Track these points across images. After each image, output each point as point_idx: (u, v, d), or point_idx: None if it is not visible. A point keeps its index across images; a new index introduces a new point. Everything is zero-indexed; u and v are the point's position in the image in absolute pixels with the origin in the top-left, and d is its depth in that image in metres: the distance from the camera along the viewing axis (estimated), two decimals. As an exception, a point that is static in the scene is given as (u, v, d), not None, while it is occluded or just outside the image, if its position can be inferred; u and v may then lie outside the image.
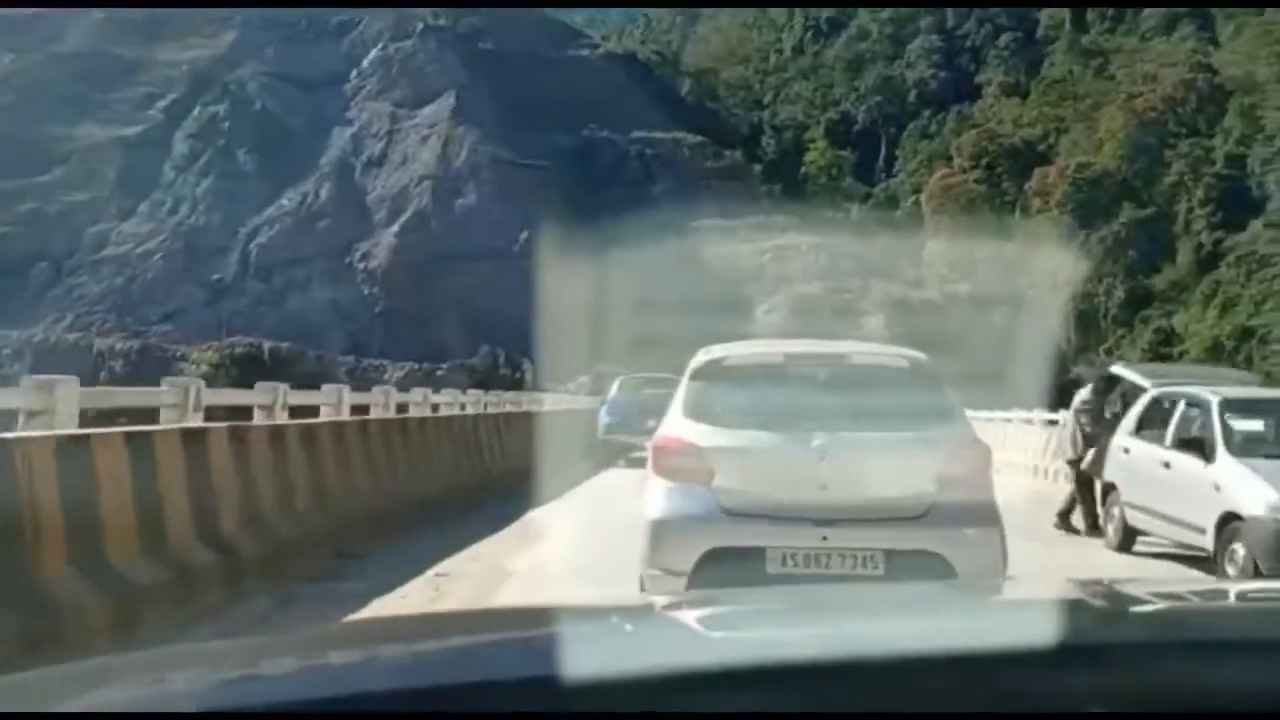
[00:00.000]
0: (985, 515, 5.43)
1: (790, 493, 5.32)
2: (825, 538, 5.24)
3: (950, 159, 73.11)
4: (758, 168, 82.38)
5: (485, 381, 39.87)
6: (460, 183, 71.59)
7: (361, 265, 69.06)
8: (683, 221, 62.23)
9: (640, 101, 76.14)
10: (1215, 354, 49.45)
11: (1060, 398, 16.60)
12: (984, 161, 70.89)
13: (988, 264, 61.45)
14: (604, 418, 19.70)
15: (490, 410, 17.98)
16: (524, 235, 61.33)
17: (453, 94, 76.31)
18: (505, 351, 60.40)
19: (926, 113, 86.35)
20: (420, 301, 64.02)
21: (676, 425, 5.66)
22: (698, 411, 5.64)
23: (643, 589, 5.38)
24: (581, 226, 56.81)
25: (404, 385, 20.76)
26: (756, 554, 5.22)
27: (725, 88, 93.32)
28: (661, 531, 5.42)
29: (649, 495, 5.59)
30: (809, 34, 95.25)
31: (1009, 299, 57.15)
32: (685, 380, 5.86)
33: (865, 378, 5.84)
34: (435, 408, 17.22)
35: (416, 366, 57.61)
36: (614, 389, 21.80)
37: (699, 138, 78.24)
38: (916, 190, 75.52)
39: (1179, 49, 66.27)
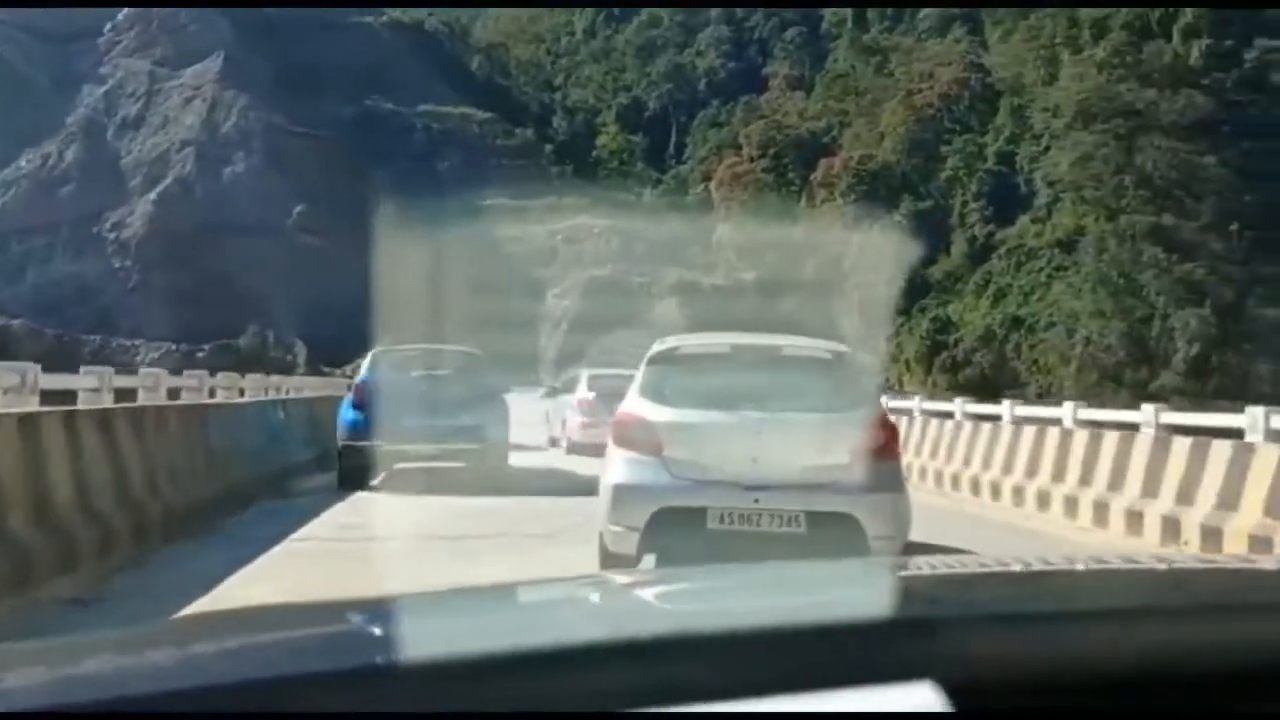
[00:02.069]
0: (893, 484, 6.32)
1: (728, 462, 6.14)
2: (757, 500, 6.03)
3: (739, 148, 73.70)
4: (549, 148, 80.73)
5: (252, 363, 36.46)
6: (228, 150, 66.30)
7: (113, 236, 62.75)
8: (472, 200, 59.88)
9: (427, 74, 72.91)
10: (988, 342, 51.49)
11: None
12: (771, 151, 71.78)
13: (775, 251, 62.16)
14: (346, 416, 12.70)
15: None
16: (299, 209, 57.37)
17: (220, 55, 70.63)
18: (275, 332, 56.22)
19: (716, 102, 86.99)
20: (180, 277, 58.65)
21: (634, 404, 6.51)
22: (652, 393, 6.47)
23: (603, 543, 6.36)
24: (363, 202, 53.63)
25: (159, 368, 17.57)
26: (699, 513, 6.04)
27: (516, 65, 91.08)
28: (619, 494, 6.26)
29: (609, 463, 6.47)
30: (601, 17, 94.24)
31: (795, 286, 58.00)
32: (643, 365, 6.75)
33: (796, 366, 6.68)
34: (175, 393, 14.50)
35: (174, 347, 52.70)
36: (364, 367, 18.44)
37: (489, 114, 75.79)
38: (706, 177, 75.81)
39: (953, 50, 68.99)
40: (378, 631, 1.03)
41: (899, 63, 71.51)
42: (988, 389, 44.56)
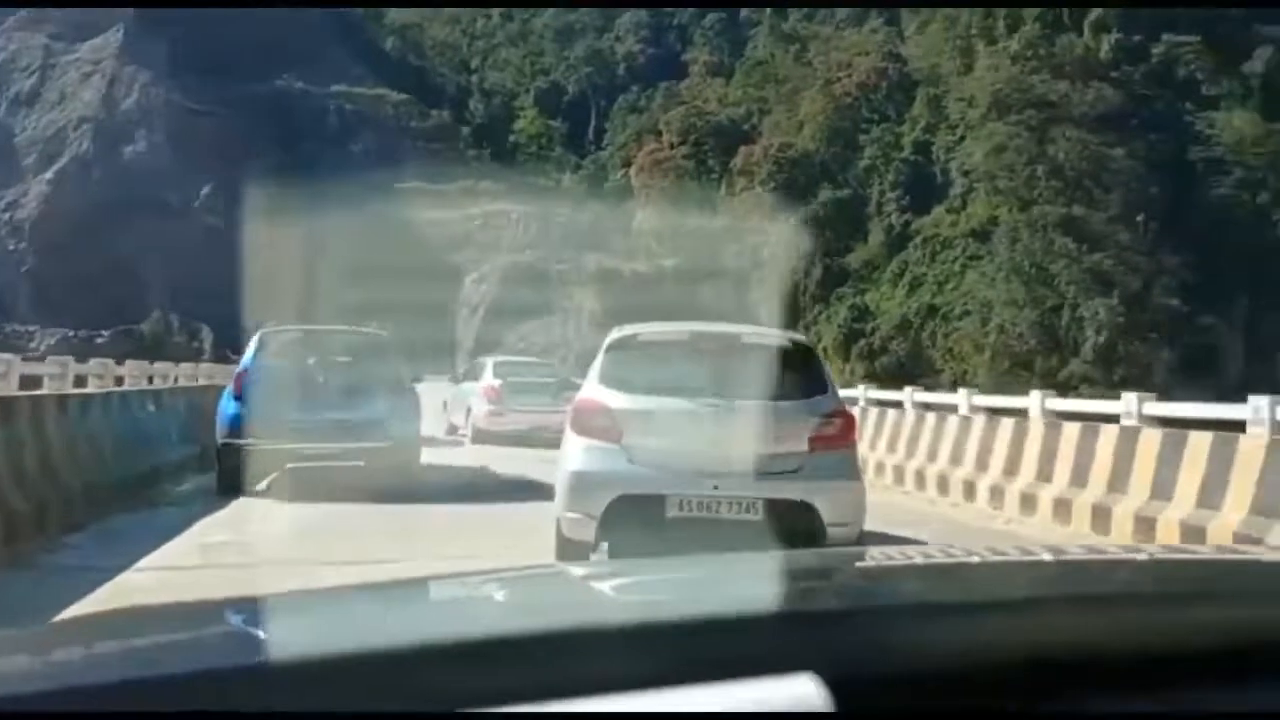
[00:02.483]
0: (849, 472, 6.44)
1: (688, 450, 6.12)
2: (716, 487, 6.03)
3: (659, 134, 73.30)
4: (466, 130, 79.41)
5: (154, 350, 35.10)
6: (129, 128, 63.72)
7: (6, 217, 59.96)
8: (386, 182, 58.50)
9: (339, 53, 71.03)
10: (904, 330, 51.95)
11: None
12: (691, 138, 71.53)
13: (695, 239, 62.02)
14: (226, 409, 10.72)
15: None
16: (206, 189, 55.40)
17: (120, 29, 67.78)
18: (180, 317, 54.23)
19: (636, 87, 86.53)
20: (78, 260, 56.17)
21: (592, 391, 6.49)
22: (611, 380, 6.46)
23: (559, 530, 6.32)
24: (274, 183, 51.94)
25: (56, 354, 16.51)
26: (658, 500, 6.03)
27: (432, 46, 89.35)
28: (577, 481, 6.25)
29: (567, 450, 6.45)
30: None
31: (715, 274, 57.90)
32: (601, 353, 6.72)
33: (754, 355, 6.65)
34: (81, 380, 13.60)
35: (72, 334, 50.47)
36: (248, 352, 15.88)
37: (403, 95, 74.15)
38: (626, 163, 75.29)
39: (870, 40, 69.37)
40: (261, 631, 1.01)
41: (818, 51, 71.72)
42: (904, 377, 44.92)
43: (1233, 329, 46.32)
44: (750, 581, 1.19)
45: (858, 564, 1.44)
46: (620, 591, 1.23)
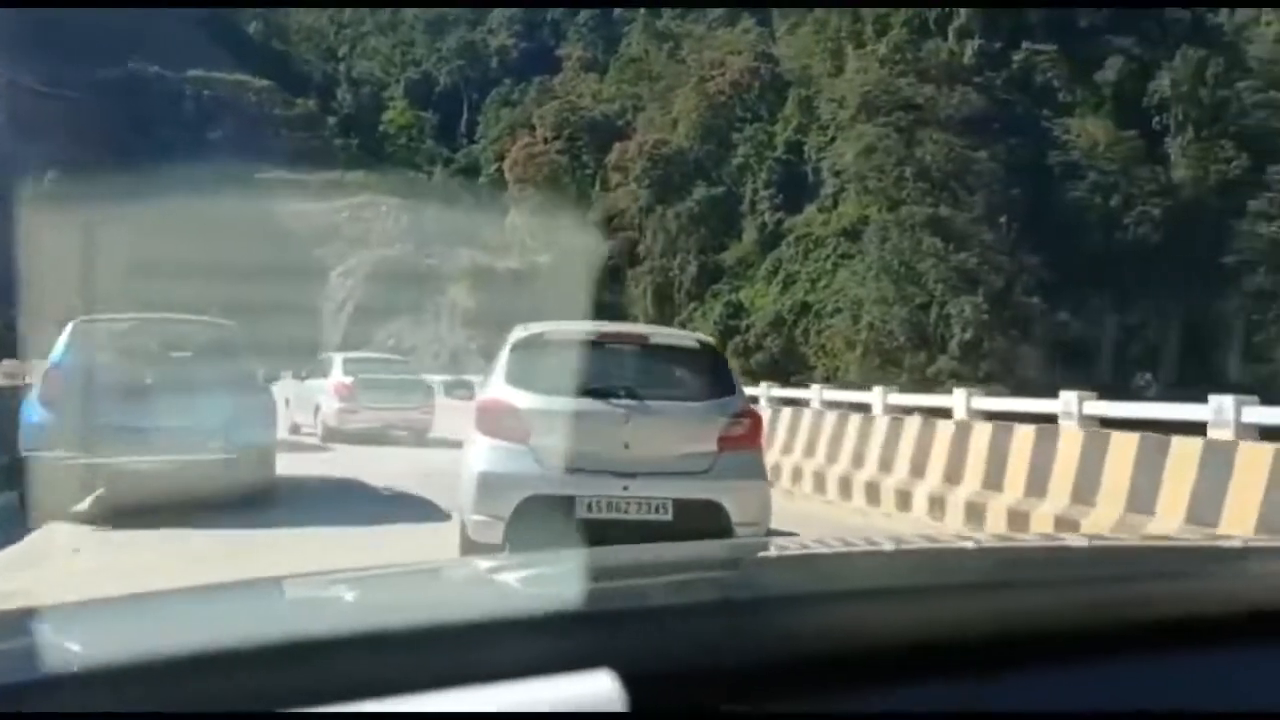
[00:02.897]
0: (756, 471, 6.51)
1: (598, 450, 6.13)
2: (626, 488, 6.06)
3: (533, 128, 72.56)
4: (332, 120, 77.06)
5: (3, 346, 32.65)
6: (-35, 109, 59.64)
7: None
8: (247, 172, 56.11)
9: (198, 37, 67.87)
10: (778, 327, 52.49)
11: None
12: (565, 133, 71.01)
13: (569, 235, 61.49)
14: (30, 416, 8.95)
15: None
16: (49, 175, 52.13)
17: (-45, 2, 63.38)
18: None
19: (509, 80, 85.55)
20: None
21: (498, 390, 6.45)
22: (518, 379, 6.40)
23: (466, 533, 6.29)
24: (125, 170, 49.30)
25: None
26: (567, 501, 6.03)
27: (297, 32, 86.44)
28: (485, 482, 6.19)
29: (474, 451, 6.39)
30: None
31: (591, 270, 57.51)
32: (506, 351, 6.63)
33: (662, 355, 6.69)
34: None
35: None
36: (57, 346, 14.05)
37: (266, 82, 71.39)
38: (499, 157, 74.33)
39: (743, 39, 69.99)
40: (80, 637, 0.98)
41: (691, 49, 72.01)
42: (778, 373, 45.37)
43: (1089, 326, 48.23)
44: (571, 578, 1.15)
45: (697, 556, 1.39)
46: (435, 590, 1.19)
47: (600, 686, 0.72)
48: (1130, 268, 50.92)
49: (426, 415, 18.39)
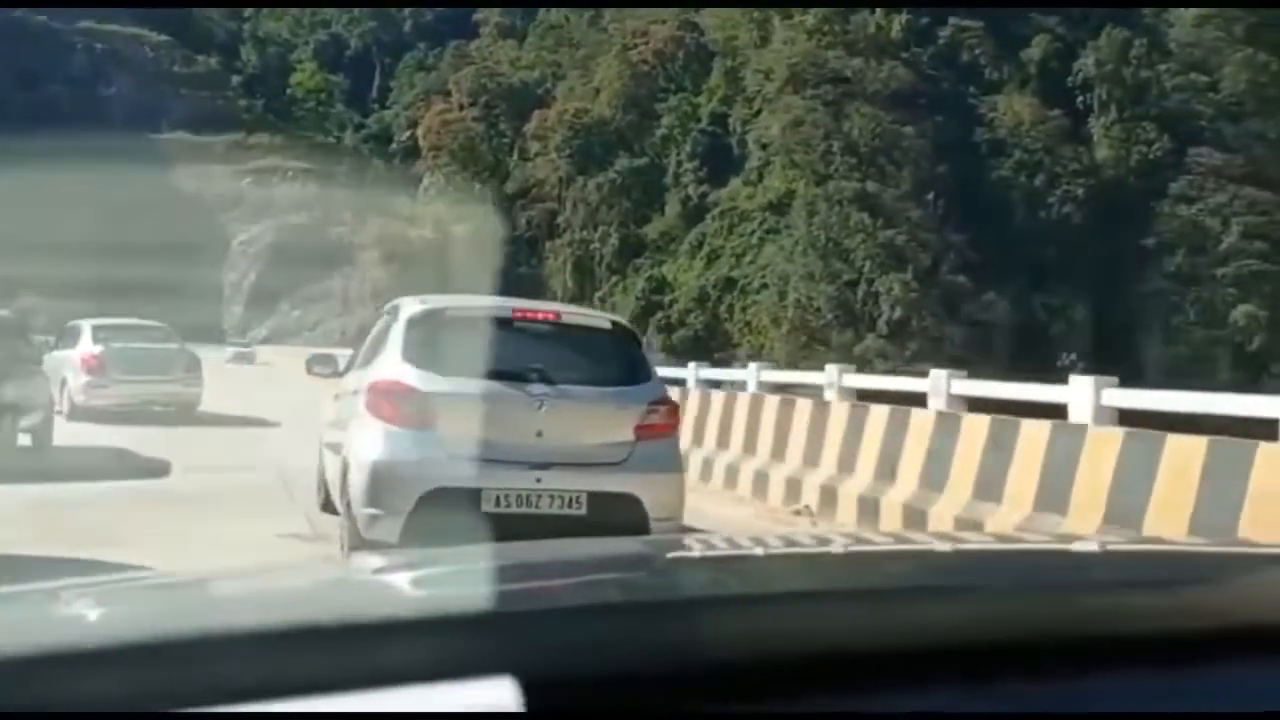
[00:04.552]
0: (673, 463, 6.19)
1: (509, 438, 5.67)
2: (539, 480, 5.64)
3: (448, 94, 70.19)
4: (236, 80, 73.40)
5: None
6: None
7: None
8: (143, 131, 52.74)
9: (88, -15, 63.65)
10: (702, 303, 51.22)
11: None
12: (482, 100, 68.87)
13: (486, 204, 59.51)
14: None
15: None
16: (-80, 130, 48.09)
17: None
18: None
19: (423, 45, 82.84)
20: None
21: (395, 370, 5.86)
22: (417, 358, 5.86)
23: (356, 529, 5.66)
24: (9, 127, 45.70)
25: None
26: (473, 495, 5.55)
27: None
28: (381, 473, 5.62)
29: (367, 438, 5.78)
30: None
31: (507, 241, 55.55)
32: (402, 327, 6.02)
33: (575, 336, 6.26)
34: None
35: None
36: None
37: (165, 37, 67.42)
38: (413, 124, 71.86)
39: (666, 9, 68.38)
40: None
41: (613, 17, 70.14)
42: (701, 350, 44.09)
43: (1014, 306, 47.89)
44: (474, 577, 1.12)
45: (602, 554, 1.31)
46: (330, 589, 1.15)
47: (500, 693, 0.71)
48: (1054, 247, 50.76)
49: (191, 389, 16.63)
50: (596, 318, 6.75)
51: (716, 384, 13.25)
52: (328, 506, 6.94)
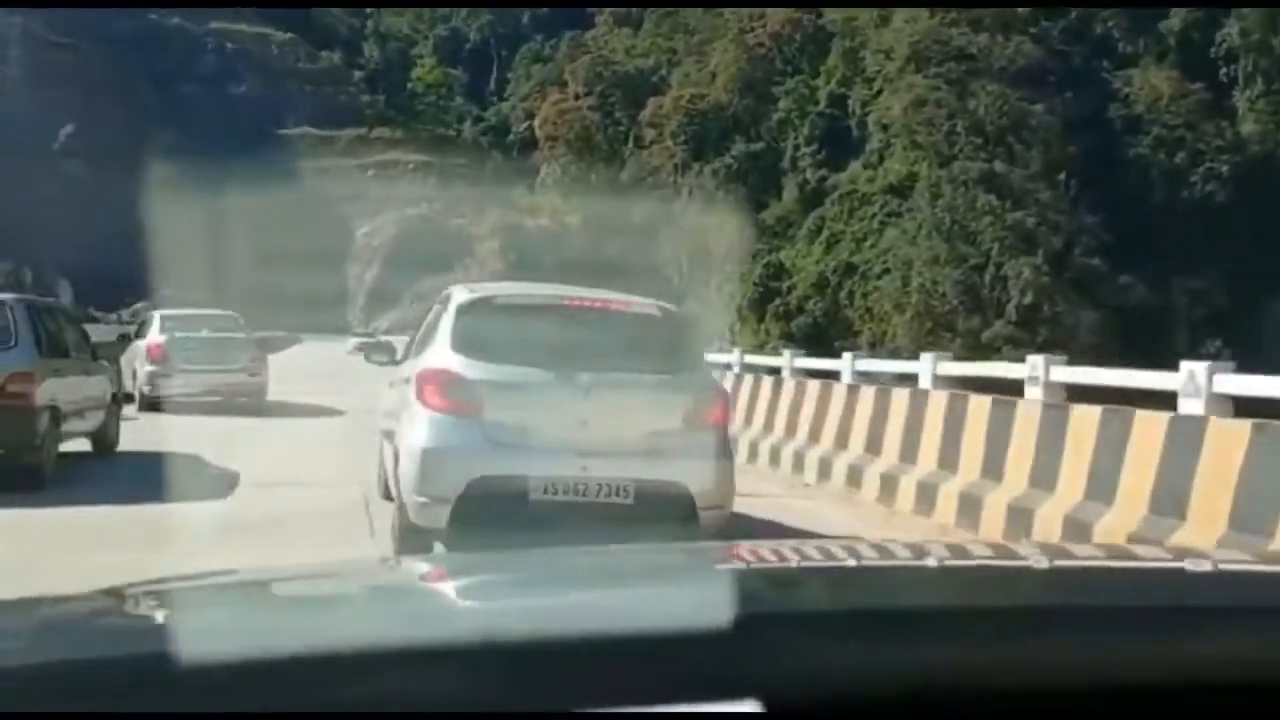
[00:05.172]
0: (722, 451, 6.10)
1: (555, 426, 5.69)
2: (585, 468, 5.61)
3: (564, 84, 70.43)
4: (359, 75, 75.03)
5: None
6: (-21, 61, 57.92)
7: None
8: (270, 127, 54.21)
9: (220, -14, 65.74)
10: (821, 289, 50.14)
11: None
12: (598, 89, 68.89)
13: (601, 193, 59.54)
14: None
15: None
16: (66, 130, 50.45)
17: (-28, -47, 61.51)
18: (34, 270, 49.28)
19: (539, 37, 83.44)
20: (-84, 205, 50.66)
21: (444, 358, 5.93)
22: (466, 346, 5.92)
23: (407, 515, 5.75)
24: (143, 124, 47.54)
25: None
26: (520, 482, 5.57)
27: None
28: (429, 460, 5.69)
29: (416, 425, 5.81)
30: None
31: (623, 229, 55.39)
32: (452, 316, 6.08)
33: (623, 323, 6.30)
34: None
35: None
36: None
37: (290, 35, 69.24)
38: (530, 115, 72.36)
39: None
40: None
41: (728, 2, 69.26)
42: (821, 338, 43.07)
43: (1153, 291, 45.56)
44: (680, 584, 1.13)
45: (816, 563, 1.29)
46: (534, 594, 1.12)
47: (745, 712, 0.70)
48: (1196, 228, 48.13)
49: (255, 378, 16.27)
50: (646, 305, 6.56)
51: (815, 374, 12.51)
52: (388, 495, 6.77)
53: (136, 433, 11.45)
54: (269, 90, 61.33)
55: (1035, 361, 8.12)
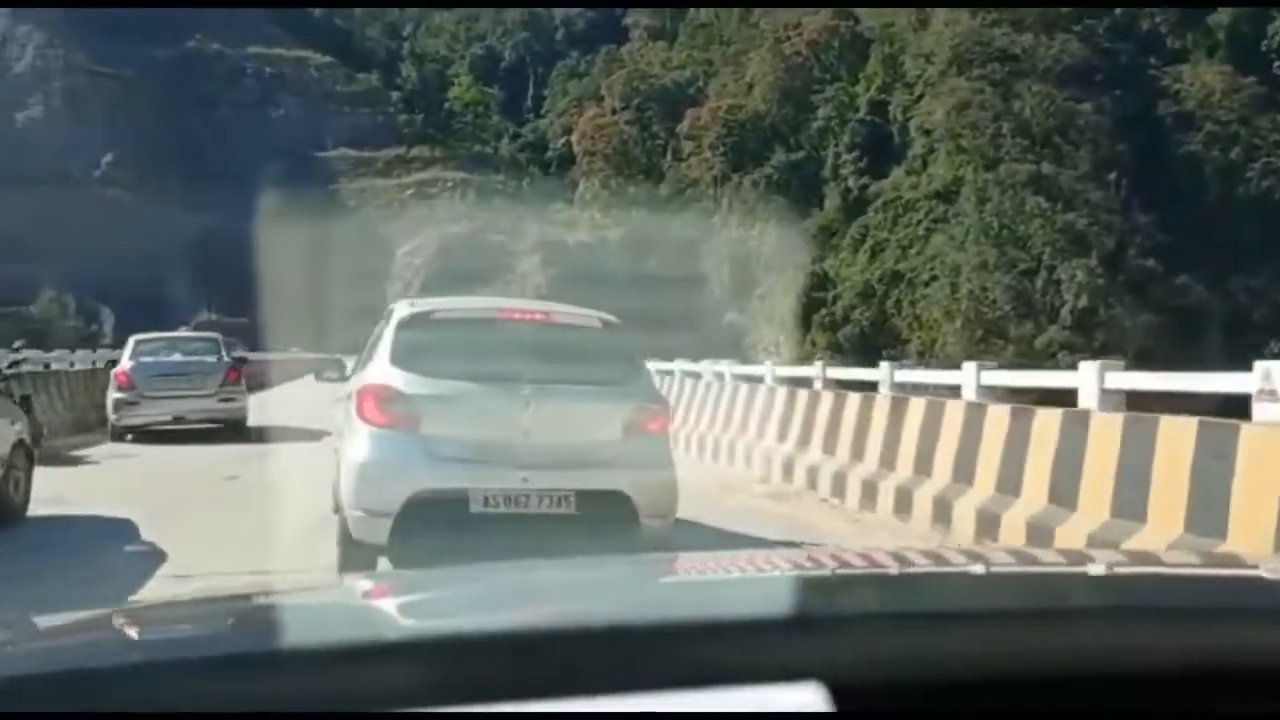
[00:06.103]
0: (663, 461, 6.07)
1: (495, 438, 5.74)
2: (526, 479, 5.63)
3: (601, 99, 70.19)
4: (396, 96, 75.22)
5: (45, 335, 31.12)
6: (22, 92, 58.61)
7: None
8: (309, 149, 54.33)
9: (256, 12, 66.13)
10: (867, 298, 49.22)
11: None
12: (635, 103, 68.52)
13: (640, 206, 59.03)
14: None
15: None
16: (107, 158, 50.79)
17: (14, -15, 62.32)
18: (76, 297, 49.54)
19: (575, 52, 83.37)
20: (-39, 235, 51.10)
21: (383, 373, 5.91)
22: (405, 360, 5.90)
23: (345, 531, 5.76)
24: (183, 151, 47.73)
25: None
26: (460, 495, 5.59)
27: (360, 9, 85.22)
28: (368, 474, 5.71)
29: (356, 440, 5.84)
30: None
31: (663, 243, 54.85)
32: (392, 331, 6.05)
33: (563, 335, 6.28)
34: None
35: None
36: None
37: (328, 58, 69.58)
38: (567, 130, 72.14)
39: (819, -1, 66.43)
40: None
41: (763, 12, 68.62)
42: (867, 347, 42.18)
43: (1210, 291, 44.23)
44: (769, 583, 1.19)
45: (833, 566, 1.35)
46: (640, 590, 1.20)
47: (807, 698, 0.72)
48: (1254, 225, 46.79)
49: (229, 403, 15.36)
50: (586, 317, 6.58)
51: (846, 384, 11.74)
52: (338, 509, 6.46)
53: (82, 480, 10.10)
54: (308, 112, 61.62)
55: (1088, 368, 7.40)
